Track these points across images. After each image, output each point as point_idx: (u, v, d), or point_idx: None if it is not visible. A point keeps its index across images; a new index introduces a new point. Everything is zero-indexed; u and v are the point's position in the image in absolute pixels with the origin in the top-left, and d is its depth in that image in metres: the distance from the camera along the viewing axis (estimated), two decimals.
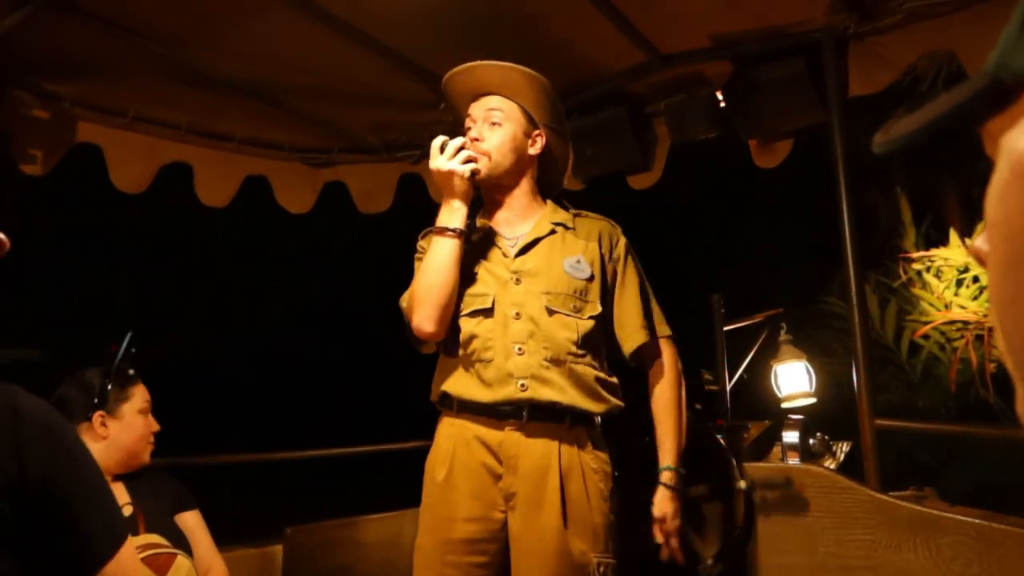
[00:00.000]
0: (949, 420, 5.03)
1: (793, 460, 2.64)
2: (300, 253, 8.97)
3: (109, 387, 1.88)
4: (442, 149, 1.84)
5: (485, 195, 1.99)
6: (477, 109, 1.95)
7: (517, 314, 1.83)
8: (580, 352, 1.83)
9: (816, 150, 2.45)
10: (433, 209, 1.90)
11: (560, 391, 1.79)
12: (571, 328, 1.83)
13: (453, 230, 1.83)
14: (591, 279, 1.89)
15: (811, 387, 3.19)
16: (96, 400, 1.87)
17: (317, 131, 3.16)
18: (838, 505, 2.14)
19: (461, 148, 1.85)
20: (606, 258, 1.94)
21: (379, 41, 2.54)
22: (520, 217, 1.96)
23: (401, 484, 2.40)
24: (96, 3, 2.30)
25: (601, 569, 1.77)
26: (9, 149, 2.78)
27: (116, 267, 8.46)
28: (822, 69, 2.43)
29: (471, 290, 1.87)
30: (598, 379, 1.86)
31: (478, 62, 1.94)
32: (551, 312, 1.83)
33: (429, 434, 1.93)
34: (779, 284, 6.04)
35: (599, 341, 1.89)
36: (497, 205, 1.97)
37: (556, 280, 1.86)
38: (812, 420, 2.65)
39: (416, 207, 2.70)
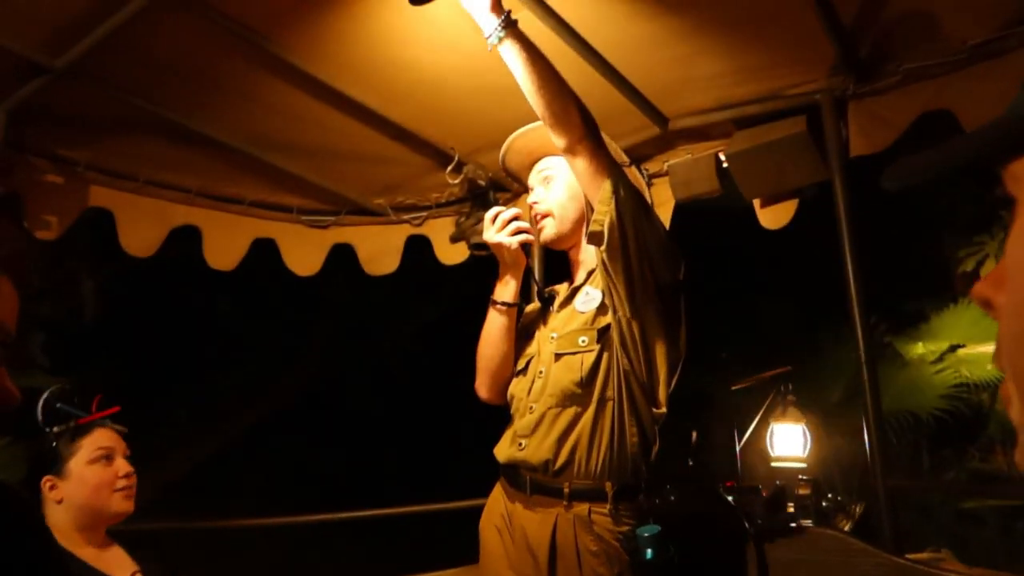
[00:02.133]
0: None
1: (806, 522, 2.58)
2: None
3: (54, 445, 1.78)
4: (493, 220, 1.85)
5: (567, 256, 1.94)
6: (532, 177, 1.94)
7: (542, 370, 1.78)
8: (586, 391, 1.68)
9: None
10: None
11: (554, 449, 1.68)
12: (574, 367, 1.70)
13: (502, 304, 1.85)
14: (602, 306, 1.73)
15: (804, 452, 3.13)
16: (42, 464, 1.77)
17: (324, 194, 3.20)
18: (853, 568, 2.08)
19: (513, 219, 1.84)
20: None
21: (380, 115, 2.62)
22: (584, 270, 1.87)
23: None
24: (110, 71, 2.36)
25: None
26: (22, 214, 2.82)
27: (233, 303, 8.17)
28: (822, 129, 2.47)
29: (522, 352, 1.88)
30: (614, 426, 1.67)
31: (513, 134, 1.94)
32: (558, 357, 1.74)
33: None
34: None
35: (620, 371, 1.69)
36: (573, 263, 1.92)
37: (567, 321, 1.79)
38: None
39: None
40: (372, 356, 8.99)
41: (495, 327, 1.86)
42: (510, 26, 1.60)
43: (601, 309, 1.73)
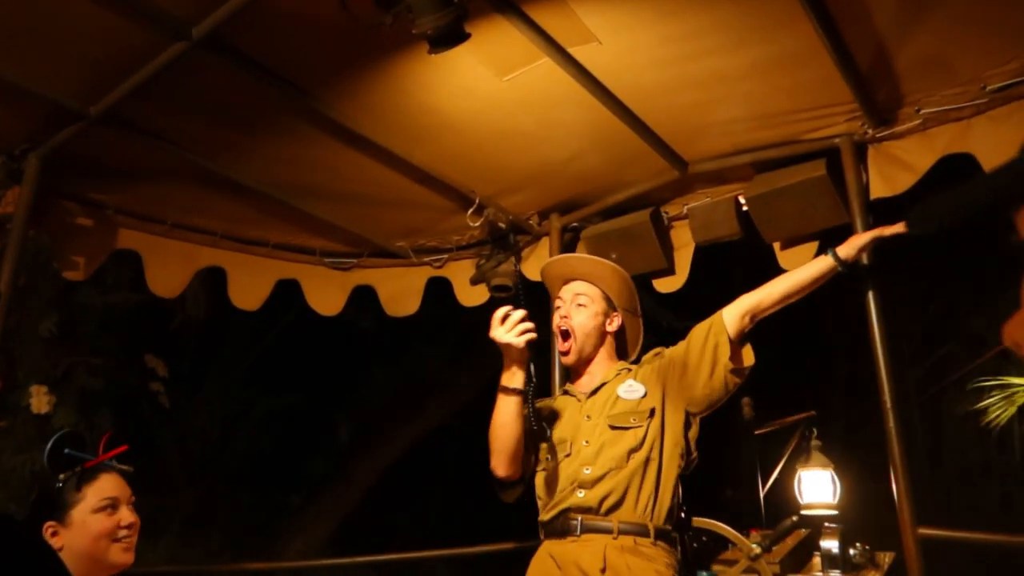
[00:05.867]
0: None
1: (834, 572, 2.52)
2: None
3: (60, 491, 1.76)
4: (503, 320, 2.00)
5: (571, 364, 2.26)
6: (567, 292, 2.28)
7: (586, 442, 2.08)
8: (636, 455, 2.02)
9: None
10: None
11: (613, 492, 1.98)
12: (628, 438, 2.04)
13: (512, 389, 2.04)
14: (644, 394, 2.11)
15: (834, 498, 3.06)
16: (44, 509, 1.76)
17: (346, 236, 3.25)
18: None
19: (522, 320, 2.00)
20: (654, 369, 2.17)
21: (403, 158, 2.66)
22: (600, 376, 2.22)
23: None
24: (142, 117, 2.43)
25: None
26: (52, 255, 2.88)
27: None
28: (842, 173, 2.47)
29: (555, 438, 2.13)
30: (655, 480, 2.02)
31: (572, 255, 2.51)
32: (613, 428, 2.07)
33: None
34: None
35: (662, 442, 2.06)
36: (580, 371, 2.25)
37: (614, 404, 2.12)
38: None
39: None
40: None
41: (509, 410, 2.03)
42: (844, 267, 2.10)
43: (644, 398, 2.11)
